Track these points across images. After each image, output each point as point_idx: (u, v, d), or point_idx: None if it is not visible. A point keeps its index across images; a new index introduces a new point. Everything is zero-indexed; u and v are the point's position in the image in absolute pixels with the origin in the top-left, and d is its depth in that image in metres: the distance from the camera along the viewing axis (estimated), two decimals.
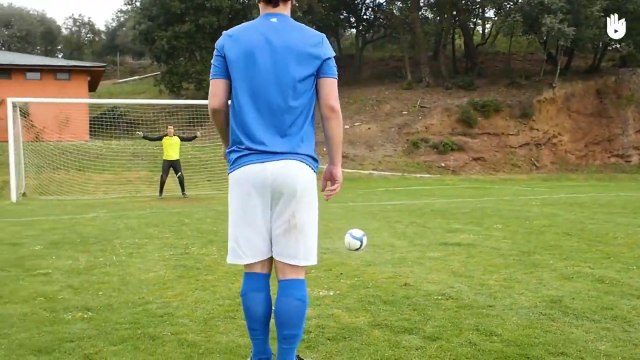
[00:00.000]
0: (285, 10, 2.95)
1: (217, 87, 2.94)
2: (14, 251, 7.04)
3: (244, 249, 2.91)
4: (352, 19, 40.68)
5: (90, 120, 26.01)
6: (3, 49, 47.94)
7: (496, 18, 34.49)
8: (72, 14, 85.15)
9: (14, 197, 16.19)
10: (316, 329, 3.81)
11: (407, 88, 33.63)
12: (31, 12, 53.33)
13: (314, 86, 2.91)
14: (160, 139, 16.91)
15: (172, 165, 16.86)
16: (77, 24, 56.93)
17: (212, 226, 9.33)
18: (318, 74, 2.89)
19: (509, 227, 9.00)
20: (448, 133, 29.04)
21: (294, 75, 2.82)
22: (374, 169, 26.43)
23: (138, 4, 35.12)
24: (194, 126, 26.97)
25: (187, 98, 35.87)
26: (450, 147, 28.03)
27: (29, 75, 27.36)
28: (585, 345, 3.45)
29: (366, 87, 35.41)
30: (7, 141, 16.79)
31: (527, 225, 9.19)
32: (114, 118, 26.20)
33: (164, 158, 16.86)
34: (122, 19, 60.00)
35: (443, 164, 27.53)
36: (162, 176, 16.97)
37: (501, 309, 4.26)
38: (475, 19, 37.40)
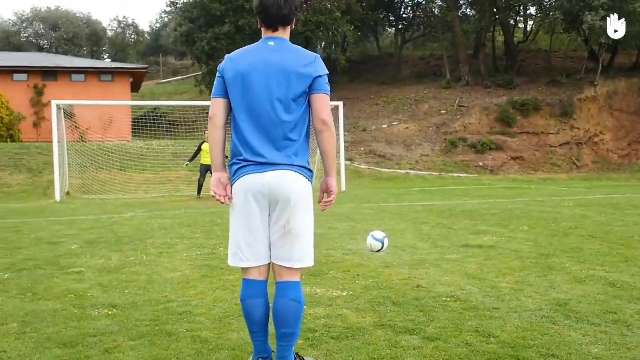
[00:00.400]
0: (284, 34, 3.17)
1: (216, 105, 3.18)
2: (52, 250, 7.44)
3: (245, 253, 3.14)
4: (392, 18, 40.62)
5: (133, 121, 26.71)
6: (53, 51, 49.39)
7: (537, 15, 34.06)
8: (117, 16, 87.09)
9: (58, 197, 16.83)
10: (323, 328, 4.01)
11: (447, 87, 33.54)
12: (77, 14, 54.82)
13: (307, 102, 3.12)
14: (199, 149, 17.35)
15: (210, 170, 17.25)
16: (122, 25, 58.31)
17: None
18: (311, 90, 3.09)
19: (534, 229, 9.04)
20: (487, 132, 28.86)
21: (286, 93, 3.05)
22: (411, 169, 26.47)
23: (179, 6, 35.76)
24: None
25: None
26: (489, 146, 27.85)
27: (74, 77, 28.24)
28: (579, 348, 3.57)
29: (405, 86, 35.43)
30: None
31: (553, 227, 9.20)
32: (156, 118, 26.96)
33: (202, 162, 17.28)
34: (166, 19, 61.11)
35: (481, 164, 27.37)
36: (199, 180, 17.43)
37: (505, 312, 4.39)
38: (516, 17, 36.94)
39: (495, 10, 33.81)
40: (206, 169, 17.23)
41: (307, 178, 3.14)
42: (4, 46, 48.66)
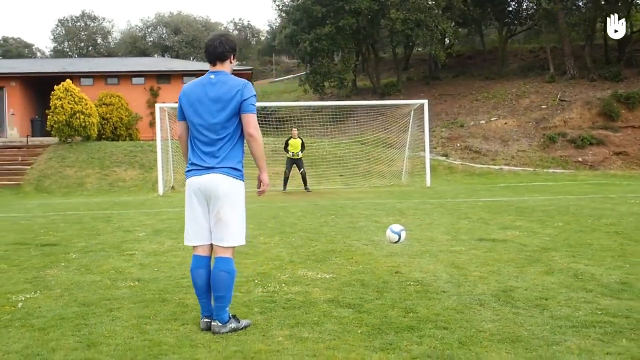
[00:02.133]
0: (222, 67, 4.24)
1: (180, 126, 4.37)
2: (123, 236, 8.86)
3: (190, 234, 4.27)
4: (496, 13, 40.04)
5: None
6: (174, 54, 52.94)
7: None
8: (233, 18, 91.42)
9: (161, 190, 18.72)
10: (283, 301, 4.95)
11: (550, 81, 32.85)
12: (197, 18, 58.38)
13: (237, 121, 4.16)
14: (287, 144, 18.78)
15: (295, 163, 18.64)
16: (238, 27, 61.22)
17: (296, 219, 10.68)
18: (240, 111, 4.13)
19: (569, 225, 9.37)
20: (588, 127, 28.11)
21: (219, 119, 4.12)
22: (505, 164, 26.39)
23: (284, 8, 37.43)
24: (334, 122, 28.69)
25: (330, 96, 37.82)
26: (589, 141, 27.12)
27: (186, 79, 30.52)
28: (475, 324, 4.24)
29: (508, 81, 35.05)
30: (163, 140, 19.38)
31: (588, 223, 9.47)
32: (265, 116, 28.83)
33: (288, 156, 18.69)
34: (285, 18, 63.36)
35: (580, 159, 26.76)
36: (285, 172, 18.83)
37: (449, 295, 5.09)
38: (629, 8, 35.30)
39: (603, 1, 32.63)
40: (292, 163, 18.60)
41: (235, 177, 4.18)
42: (131, 50, 52.89)
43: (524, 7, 39.50)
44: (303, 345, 3.81)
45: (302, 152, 18.77)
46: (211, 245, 4.27)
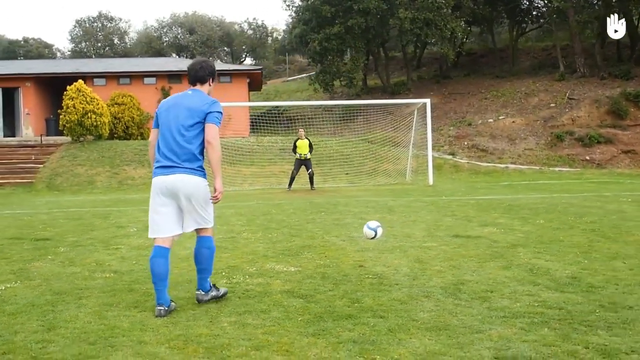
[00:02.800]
0: (200, 87, 4.86)
1: (152, 133, 4.88)
2: (115, 232, 9.25)
3: (154, 228, 4.74)
4: (506, 11, 40.06)
5: (256, 118, 28.79)
6: (189, 53, 53.53)
7: None
8: (247, 18, 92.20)
9: None
10: (241, 291, 5.27)
11: (559, 79, 32.84)
12: (212, 18, 58.98)
13: (201, 129, 4.66)
14: (295, 145, 19.14)
15: (303, 164, 18.99)
16: (252, 27, 61.61)
17: (286, 216, 11.00)
18: (204, 121, 4.63)
19: (550, 222, 9.57)
20: (596, 125, 28.14)
21: (185, 123, 4.64)
22: (512, 163, 26.53)
23: (293, 8, 37.82)
24: (343, 121, 29.01)
25: (341, 95, 38.12)
26: (597, 139, 27.15)
27: None
28: (412, 314, 4.51)
29: (518, 79, 35.10)
30: None
31: (569, 221, 9.65)
32: (277, 115, 29.26)
33: (297, 157, 19.05)
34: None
35: (587, 157, 26.80)
36: (292, 172, 19.20)
37: (401, 287, 5.37)
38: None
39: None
40: (300, 164, 18.94)
41: (199, 176, 4.69)
42: (147, 50, 53.63)
43: (535, 4, 39.41)
44: (243, 331, 4.13)
45: (310, 152, 19.08)
46: (172, 237, 4.74)
